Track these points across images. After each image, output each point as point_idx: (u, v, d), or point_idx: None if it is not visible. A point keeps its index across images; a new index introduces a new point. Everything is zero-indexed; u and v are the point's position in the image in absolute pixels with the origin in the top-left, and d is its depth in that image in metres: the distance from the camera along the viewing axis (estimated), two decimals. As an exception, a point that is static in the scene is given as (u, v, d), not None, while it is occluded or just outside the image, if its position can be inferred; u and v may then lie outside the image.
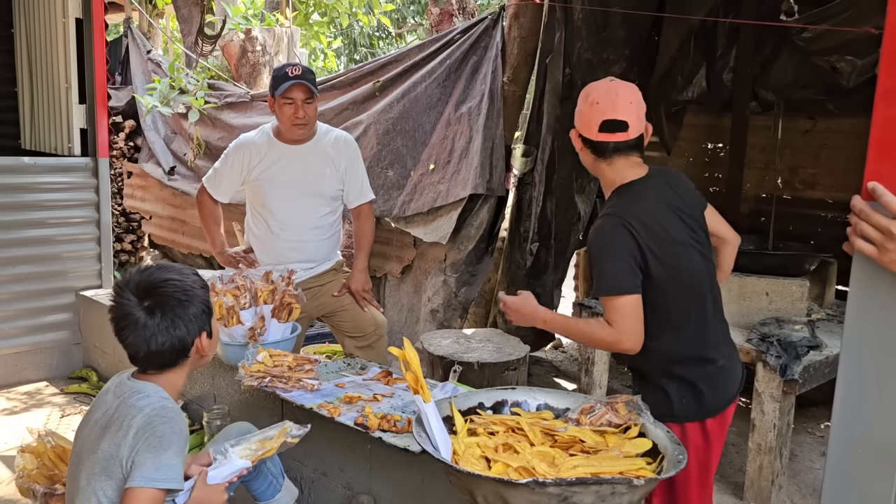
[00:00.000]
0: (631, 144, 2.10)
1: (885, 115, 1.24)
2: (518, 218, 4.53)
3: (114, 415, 1.75)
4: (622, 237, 2.00)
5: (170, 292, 1.78)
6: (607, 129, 2.08)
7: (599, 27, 4.18)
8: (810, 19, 3.77)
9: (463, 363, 3.31)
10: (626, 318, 1.96)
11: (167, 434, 1.69)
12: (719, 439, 2.15)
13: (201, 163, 5.97)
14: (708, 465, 2.15)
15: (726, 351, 2.17)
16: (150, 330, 1.75)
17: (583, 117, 2.15)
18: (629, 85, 2.11)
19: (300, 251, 3.23)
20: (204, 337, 1.84)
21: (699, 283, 2.10)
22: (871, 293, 1.26)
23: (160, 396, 1.76)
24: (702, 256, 2.12)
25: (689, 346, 2.10)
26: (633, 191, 2.10)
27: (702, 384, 2.08)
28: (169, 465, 1.68)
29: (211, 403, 3.06)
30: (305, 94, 3.07)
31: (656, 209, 2.07)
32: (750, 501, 3.28)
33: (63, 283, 4.32)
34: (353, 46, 14.33)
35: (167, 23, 8.69)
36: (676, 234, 2.08)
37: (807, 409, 4.19)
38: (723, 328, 2.20)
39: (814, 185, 4.54)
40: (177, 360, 1.82)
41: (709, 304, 2.12)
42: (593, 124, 2.10)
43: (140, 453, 1.67)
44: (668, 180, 2.17)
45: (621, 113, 2.06)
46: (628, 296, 1.96)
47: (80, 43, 4.32)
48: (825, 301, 4.04)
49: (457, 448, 1.72)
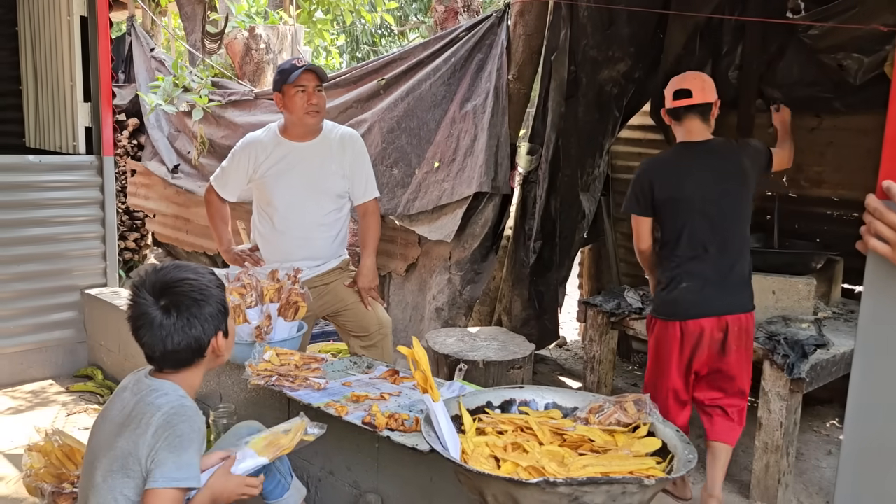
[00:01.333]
0: (694, 108, 2.96)
1: (900, 113, 1.23)
2: (523, 216, 4.52)
3: (132, 412, 1.74)
4: (639, 178, 3.07)
5: (185, 291, 1.78)
6: (677, 96, 2.98)
7: (605, 24, 4.16)
8: (817, 16, 3.75)
9: (468, 362, 3.31)
10: (635, 230, 3.10)
11: (187, 433, 1.69)
12: (690, 343, 2.98)
13: (205, 161, 5.97)
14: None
15: (700, 281, 2.95)
16: (167, 329, 1.75)
17: (666, 96, 3.02)
18: (698, 72, 3.13)
19: (306, 249, 3.22)
20: (220, 337, 1.83)
21: (690, 221, 2.95)
22: (885, 291, 1.25)
23: (178, 395, 1.76)
24: (701, 214, 2.93)
25: (672, 261, 3.00)
26: (677, 149, 3.06)
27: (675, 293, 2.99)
28: (189, 465, 1.68)
29: (217, 402, 3.06)
30: (316, 81, 3.10)
31: (682, 166, 2.99)
32: (756, 500, 3.27)
33: (68, 282, 4.32)
34: (355, 44, 14.31)
35: (170, 20, 8.69)
36: (688, 191, 2.95)
37: (813, 408, 4.18)
38: (718, 267, 2.94)
39: (820, 183, 4.52)
40: (193, 360, 1.82)
41: (696, 242, 2.96)
42: (669, 96, 3.00)
43: (160, 452, 1.67)
44: (719, 146, 3.03)
45: (686, 84, 2.97)
46: (634, 216, 3.09)
47: (85, 41, 4.32)
48: (831, 299, 4.03)
49: (466, 447, 1.72)
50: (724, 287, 2.95)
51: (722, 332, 2.96)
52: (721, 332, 2.97)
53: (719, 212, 2.95)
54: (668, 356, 3.03)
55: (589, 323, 4.01)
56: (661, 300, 3.06)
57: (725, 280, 2.95)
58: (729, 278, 2.96)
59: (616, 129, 4.58)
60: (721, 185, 2.96)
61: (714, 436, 3.10)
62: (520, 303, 4.59)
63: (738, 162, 3.02)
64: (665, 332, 3.03)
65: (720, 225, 2.95)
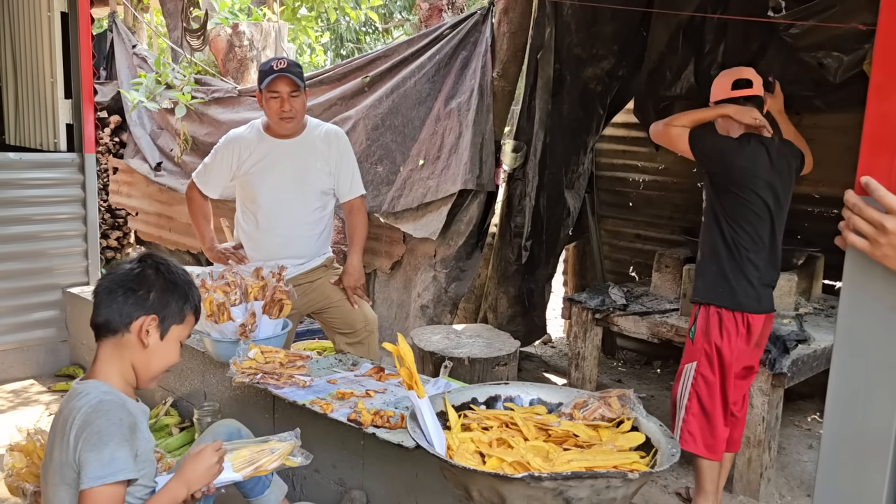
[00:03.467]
0: (754, 100, 2.92)
1: (878, 110, 1.25)
2: (508, 213, 4.54)
3: (59, 420, 1.73)
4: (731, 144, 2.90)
5: (151, 264, 1.86)
6: (738, 86, 2.92)
7: (589, 22, 4.18)
8: (797, 15, 3.79)
9: (453, 359, 3.31)
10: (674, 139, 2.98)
11: (105, 427, 1.65)
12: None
13: (188, 158, 5.93)
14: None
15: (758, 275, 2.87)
16: (117, 281, 1.83)
17: (719, 87, 2.97)
18: (748, 67, 3.02)
19: (290, 247, 3.21)
20: (149, 322, 1.79)
21: (760, 213, 2.86)
22: (863, 286, 1.27)
23: (99, 391, 1.72)
24: (769, 208, 2.85)
25: (739, 251, 2.87)
26: (753, 138, 2.88)
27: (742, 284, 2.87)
28: (114, 459, 1.63)
29: (201, 400, 3.04)
30: (291, 87, 3.05)
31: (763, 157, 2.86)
32: (739, 494, 3.30)
33: (49, 280, 4.28)
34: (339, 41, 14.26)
35: (152, 17, 8.61)
36: (766, 181, 2.85)
37: (794, 403, 4.23)
38: (771, 261, 2.90)
39: (800, 180, 4.56)
40: (112, 329, 1.81)
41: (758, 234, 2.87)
42: (727, 86, 2.94)
43: (82, 454, 1.63)
44: (784, 144, 3.01)
45: (745, 75, 2.93)
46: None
47: (66, 37, 4.27)
48: (812, 295, 4.07)
49: (451, 443, 1.72)
50: (770, 285, 2.92)
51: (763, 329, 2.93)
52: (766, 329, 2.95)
53: (779, 209, 2.89)
54: (732, 352, 2.84)
55: (573, 319, 4.04)
56: (727, 289, 2.83)
57: (772, 278, 2.92)
58: (774, 277, 2.93)
59: (600, 127, 4.61)
60: (789, 184, 2.93)
61: (732, 447, 3.03)
62: (505, 300, 4.60)
63: (796, 164, 3.01)
64: (731, 324, 2.83)
65: (776, 223, 2.90)
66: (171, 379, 3.30)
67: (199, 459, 1.83)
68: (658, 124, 3.06)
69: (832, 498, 1.37)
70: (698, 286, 2.92)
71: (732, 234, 2.84)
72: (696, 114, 2.99)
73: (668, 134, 2.98)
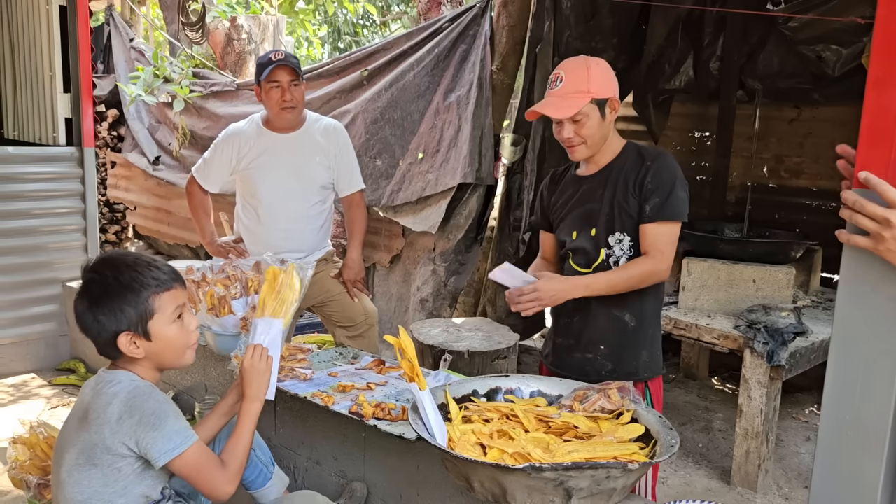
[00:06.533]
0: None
1: (876, 104, 1.26)
2: (507, 207, 4.54)
3: (89, 406, 1.75)
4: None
5: (97, 281, 1.76)
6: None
7: (588, 16, 4.18)
8: (796, 8, 3.80)
9: (453, 352, 3.32)
10: (674, 245, 2.14)
11: (156, 408, 1.70)
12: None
13: (186, 152, 5.93)
14: None
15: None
16: (76, 313, 1.76)
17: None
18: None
19: (290, 241, 3.22)
20: (130, 337, 1.75)
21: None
22: (861, 278, 1.28)
23: (130, 380, 1.75)
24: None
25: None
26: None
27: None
28: (177, 431, 1.70)
29: (203, 394, 3.05)
30: (291, 76, 3.06)
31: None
32: (737, 486, 3.33)
33: (49, 274, 4.28)
34: (337, 34, 14.23)
35: (149, 10, 8.59)
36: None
37: (792, 395, 4.25)
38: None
39: (799, 174, 4.58)
40: (114, 354, 1.79)
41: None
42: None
43: (144, 437, 1.68)
44: None
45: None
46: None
47: (64, 30, 4.26)
48: (810, 288, 4.09)
49: (452, 435, 1.73)
50: None
51: None
52: None
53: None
54: None
55: (572, 313, 4.04)
56: None
57: None
58: None
59: (599, 120, 4.60)
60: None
61: None
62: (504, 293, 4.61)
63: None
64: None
65: None
66: (172, 373, 3.31)
67: (252, 371, 1.92)
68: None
69: (829, 488, 1.38)
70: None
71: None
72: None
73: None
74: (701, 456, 3.66)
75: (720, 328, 3.40)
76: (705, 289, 3.65)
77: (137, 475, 1.73)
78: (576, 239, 2.25)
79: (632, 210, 2.14)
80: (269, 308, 2.10)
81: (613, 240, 2.17)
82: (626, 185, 2.15)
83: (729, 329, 3.37)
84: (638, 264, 2.12)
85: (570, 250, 2.27)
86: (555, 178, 2.42)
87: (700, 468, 3.53)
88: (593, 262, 2.20)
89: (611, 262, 2.18)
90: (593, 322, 2.21)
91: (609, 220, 2.18)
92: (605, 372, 2.21)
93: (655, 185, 2.11)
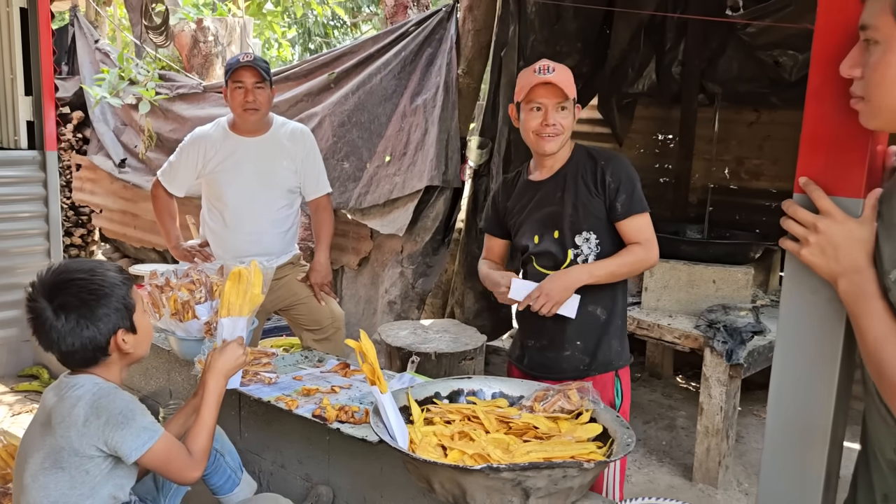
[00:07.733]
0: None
1: (815, 113, 1.31)
2: (475, 209, 4.58)
3: (52, 410, 1.74)
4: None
5: (74, 292, 1.73)
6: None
7: (552, 20, 4.24)
8: (753, 15, 3.89)
9: (420, 354, 3.34)
10: (654, 232, 2.26)
11: (123, 407, 1.71)
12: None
13: (153, 155, 5.87)
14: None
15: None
16: (58, 332, 1.72)
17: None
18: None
19: (257, 244, 3.21)
20: (121, 335, 1.77)
21: None
22: (802, 281, 1.33)
23: (94, 382, 1.76)
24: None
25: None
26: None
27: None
28: (144, 427, 1.71)
29: (167, 399, 3.04)
30: (255, 78, 3.06)
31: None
32: (699, 482, 3.40)
33: (11, 280, 4.22)
34: (307, 36, 14.16)
35: (115, 11, 8.48)
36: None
37: (752, 393, 4.34)
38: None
39: (758, 176, 4.68)
40: (97, 358, 1.78)
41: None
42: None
43: (113, 436, 1.68)
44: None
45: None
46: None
47: (25, 33, 4.20)
48: (769, 287, 4.18)
49: (414, 437, 1.76)
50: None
51: None
52: None
53: None
54: None
55: (539, 314, 4.08)
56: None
57: None
58: None
59: (564, 123, 4.66)
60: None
61: None
62: (472, 295, 4.64)
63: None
64: None
65: None
66: (136, 377, 3.28)
67: (226, 352, 1.99)
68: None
69: (776, 484, 1.43)
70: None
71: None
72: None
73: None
74: (664, 453, 3.73)
75: (681, 328, 3.47)
76: (667, 289, 3.72)
77: (105, 476, 1.73)
78: (538, 243, 2.29)
79: (595, 209, 2.21)
80: (234, 307, 2.13)
81: (580, 239, 2.23)
82: (587, 185, 2.23)
83: (690, 329, 3.45)
84: (632, 252, 2.21)
85: (534, 254, 2.31)
86: (507, 185, 2.46)
87: (663, 465, 3.60)
88: (561, 264, 2.25)
89: (579, 261, 2.23)
90: (568, 319, 2.25)
91: (574, 220, 2.23)
92: (582, 366, 2.28)
93: (618, 184, 2.20)
